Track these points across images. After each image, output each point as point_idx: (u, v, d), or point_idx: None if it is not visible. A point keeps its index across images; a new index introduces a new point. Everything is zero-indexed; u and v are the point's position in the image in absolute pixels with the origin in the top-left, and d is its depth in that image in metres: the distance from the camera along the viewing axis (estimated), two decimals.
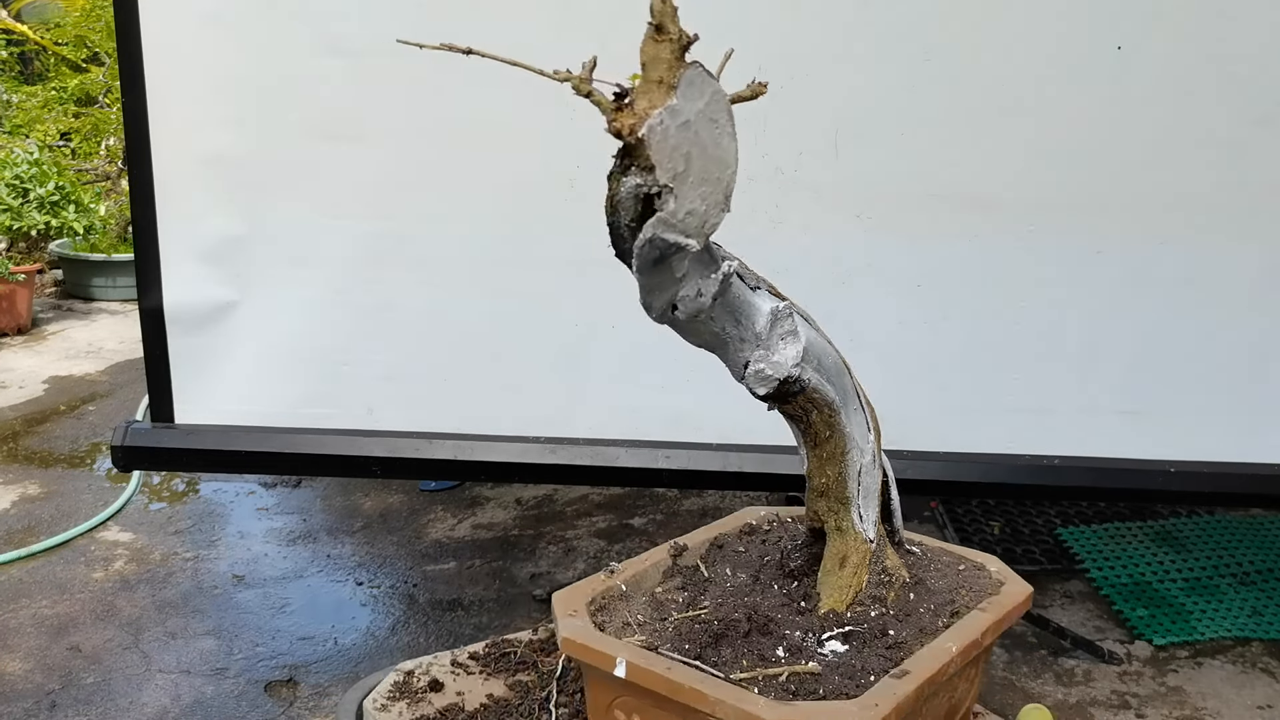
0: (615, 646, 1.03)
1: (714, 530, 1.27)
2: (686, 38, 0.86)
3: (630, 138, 0.86)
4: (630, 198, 0.89)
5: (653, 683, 1.00)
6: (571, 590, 1.11)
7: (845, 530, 1.17)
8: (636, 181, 0.88)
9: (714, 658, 1.05)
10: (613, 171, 0.90)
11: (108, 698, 2.69)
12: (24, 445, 4.32)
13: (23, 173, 5.86)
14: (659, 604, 1.12)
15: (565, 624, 1.05)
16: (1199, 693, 2.77)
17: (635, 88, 0.85)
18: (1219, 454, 2.31)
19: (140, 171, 2.26)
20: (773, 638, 1.09)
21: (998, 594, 1.23)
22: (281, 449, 2.36)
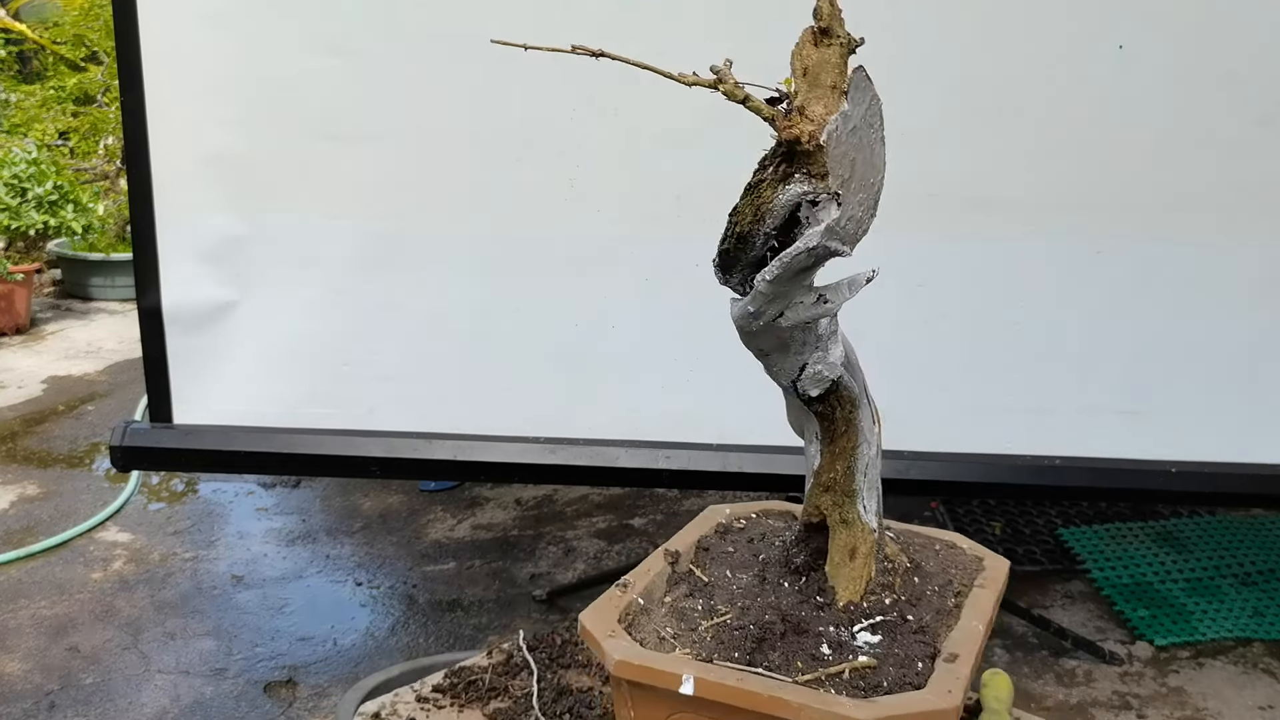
0: (678, 663, 1.00)
1: (693, 533, 1.25)
2: (854, 41, 0.84)
3: (809, 144, 0.84)
4: (786, 206, 0.88)
5: (726, 695, 0.98)
6: (597, 610, 1.07)
7: (851, 523, 1.17)
8: (801, 189, 0.87)
9: (765, 662, 1.03)
10: (765, 179, 0.88)
11: (107, 698, 2.69)
12: (23, 445, 4.31)
13: (21, 172, 5.85)
14: (680, 614, 1.10)
15: (613, 646, 1.01)
16: (1200, 693, 2.76)
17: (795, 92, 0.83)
18: (1220, 454, 2.31)
19: (139, 171, 2.25)
20: (810, 636, 1.08)
21: (985, 570, 1.25)
22: (281, 449, 2.36)
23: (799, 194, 0.88)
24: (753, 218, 0.91)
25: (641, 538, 3.56)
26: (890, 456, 2.27)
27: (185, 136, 2.25)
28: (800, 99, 0.84)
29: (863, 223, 0.91)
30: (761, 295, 0.94)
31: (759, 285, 0.93)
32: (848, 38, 0.85)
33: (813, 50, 0.85)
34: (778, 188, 0.88)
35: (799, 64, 0.85)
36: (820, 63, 0.84)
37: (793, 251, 0.90)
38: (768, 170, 0.89)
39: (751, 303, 0.97)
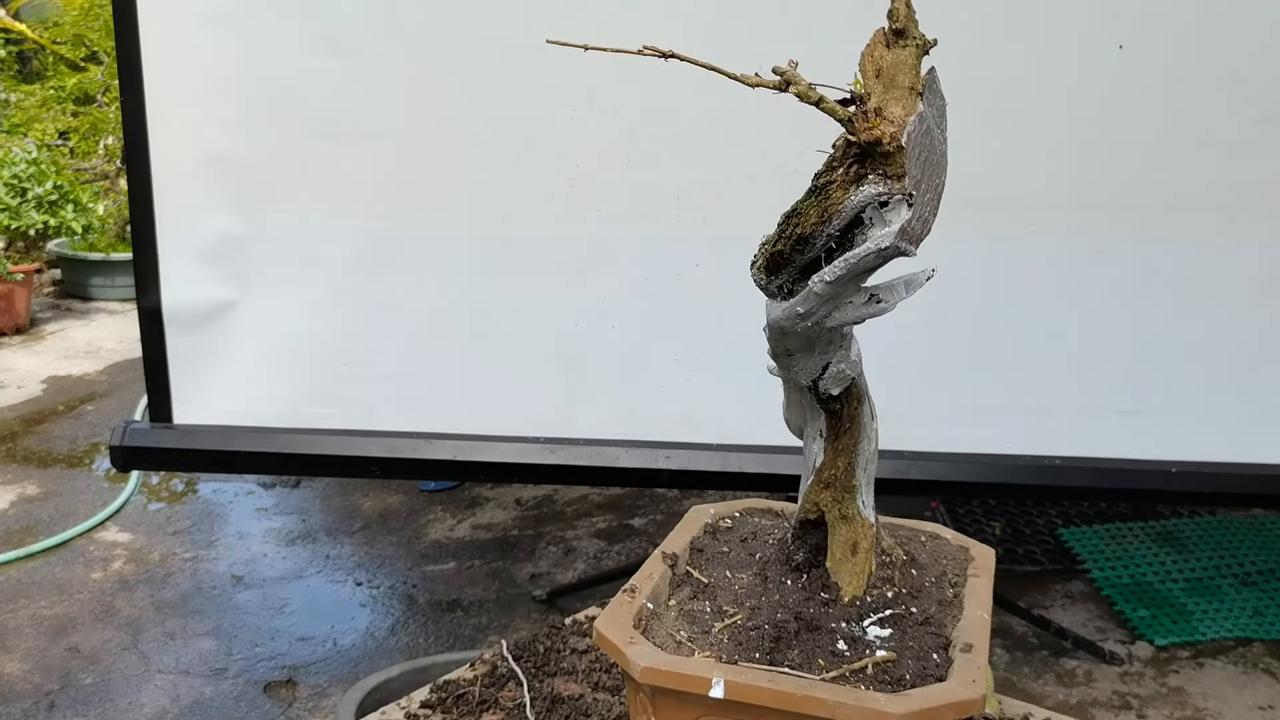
0: (707, 666, 0.99)
1: (684, 535, 1.24)
2: (928, 42, 0.85)
3: (891, 145, 0.84)
4: (857, 208, 0.88)
5: (758, 696, 0.97)
6: (611, 617, 1.05)
7: (851, 518, 1.17)
8: (876, 191, 0.87)
9: (786, 661, 1.03)
10: (834, 181, 0.88)
11: (106, 698, 2.69)
12: (22, 445, 4.31)
13: (21, 172, 5.85)
14: (690, 616, 1.10)
15: (636, 653, 0.99)
16: (1200, 693, 2.76)
17: (868, 94, 0.83)
18: (1220, 454, 2.30)
19: (139, 171, 2.25)
20: (824, 633, 1.08)
21: (974, 559, 1.26)
22: (281, 449, 2.36)
23: (873, 195, 0.88)
24: (818, 219, 0.91)
25: (641, 538, 3.56)
26: (890, 456, 2.29)
27: (185, 136, 2.25)
28: (875, 100, 0.85)
29: (928, 223, 0.91)
30: (816, 296, 0.94)
31: (815, 286, 0.93)
32: (922, 39, 0.85)
33: (885, 52, 0.85)
34: (849, 189, 0.88)
35: (870, 65, 0.86)
36: (895, 64, 0.85)
37: (861, 253, 0.90)
38: (836, 172, 0.88)
39: (802, 303, 0.96)
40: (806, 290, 0.94)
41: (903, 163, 0.86)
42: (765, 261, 0.98)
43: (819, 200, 0.90)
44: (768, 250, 0.97)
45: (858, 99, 0.85)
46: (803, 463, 1.22)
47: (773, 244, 0.96)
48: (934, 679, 1.02)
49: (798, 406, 1.20)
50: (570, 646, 1.35)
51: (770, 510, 1.35)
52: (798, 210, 0.93)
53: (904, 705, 0.95)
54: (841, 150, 0.88)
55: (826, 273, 0.92)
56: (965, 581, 1.21)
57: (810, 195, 0.90)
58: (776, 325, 1.02)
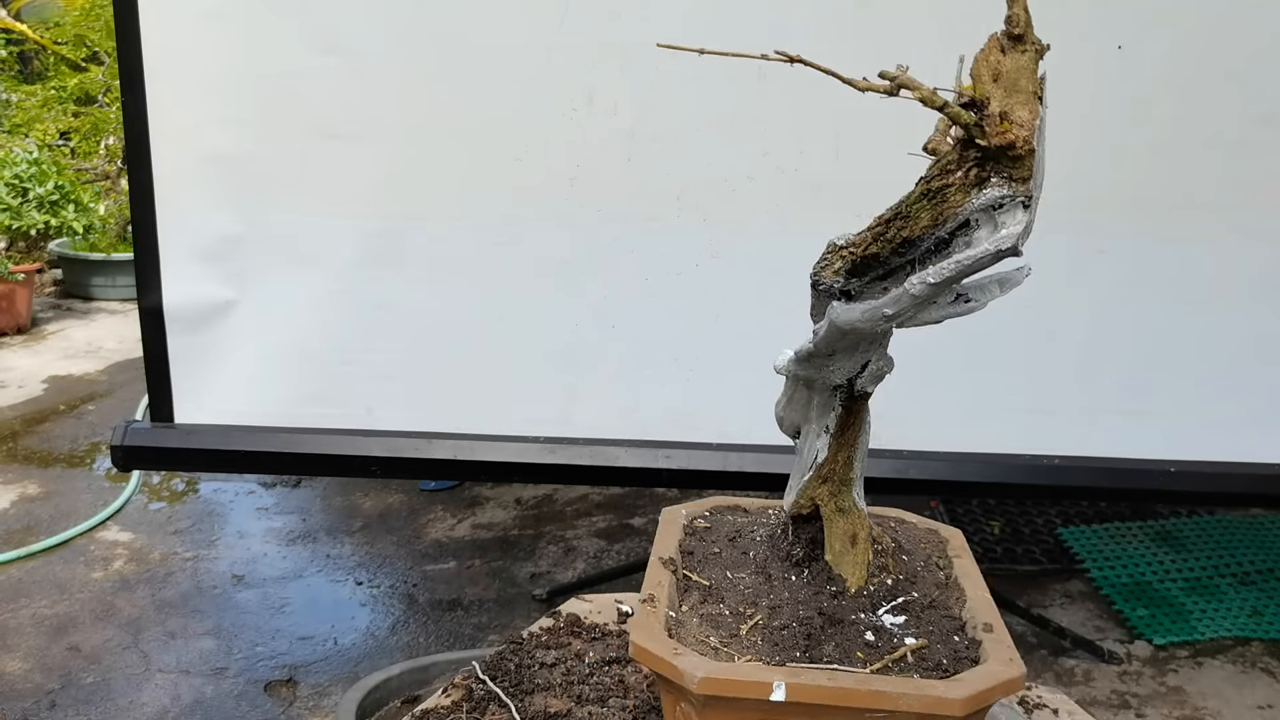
0: (764, 671, 0.99)
1: (670, 538, 1.23)
2: (1043, 47, 0.87)
3: (1023, 149, 0.85)
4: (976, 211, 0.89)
5: (819, 696, 0.97)
6: (644, 630, 1.03)
7: (847, 510, 1.18)
8: (999, 194, 0.87)
9: (826, 657, 1.03)
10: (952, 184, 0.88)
11: (107, 697, 2.69)
12: (23, 445, 4.31)
13: (22, 172, 5.85)
14: (713, 621, 1.09)
15: (689, 663, 0.98)
16: (1199, 692, 2.77)
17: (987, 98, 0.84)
18: (1219, 454, 2.31)
19: (140, 171, 2.26)
20: (847, 626, 1.09)
21: (947, 541, 1.28)
22: (281, 449, 2.36)
23: (996, 198, 0.88)
24: (930, 223, 0.91)
25: (641, 537, 3.57)
26: (890, 456, 2.30)
27: (186, 136, 2.25)
28: (997, 104, 0.86)
29: (1033, 223, 0.92)
30: (912, 298, 0.95)
31: (914, 289, 0.94)
32: (1039, 44, 0.87)
33: (1001, 56, 0.86)
34: (970, 193, 0.89)
35: (986, 70, 0.86)
36: (1015, 69, 0.86)
37: (978, 254, 0.90)
38: (954, 175, 0.88)
39: (892, 305, 0.97)
40: (901, 292, 0.95)
41: (1030, 166, 0.87)
42: (850, 265, 0.98)
43: (934, 204, 0.90)
44: (855, 253, 0.97)
45: (978, 103, 0.85)
46: (796, 460, 1.23)
47: (863, 247, 0.96)
48: (968, 661, 1.04)
49: (801, 405, 1.20)
50: (538, 660, 1.32)
51: (738, 507, 1.35)
52: (903, 214, 0.93)
53: (961, 690, 0.96)
54: (957, 154, 0.89)
55: (932, 274, 0.93)
56: (950, 563, 1.23)
57: (923, 198, 0.91)
58: (847, 326, 1.02)
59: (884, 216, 0.95)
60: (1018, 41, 0.85)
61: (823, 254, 1.02)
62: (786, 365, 1.16)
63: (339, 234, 2.30)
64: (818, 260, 1.03)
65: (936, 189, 0.89)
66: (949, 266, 0.92)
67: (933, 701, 0.95)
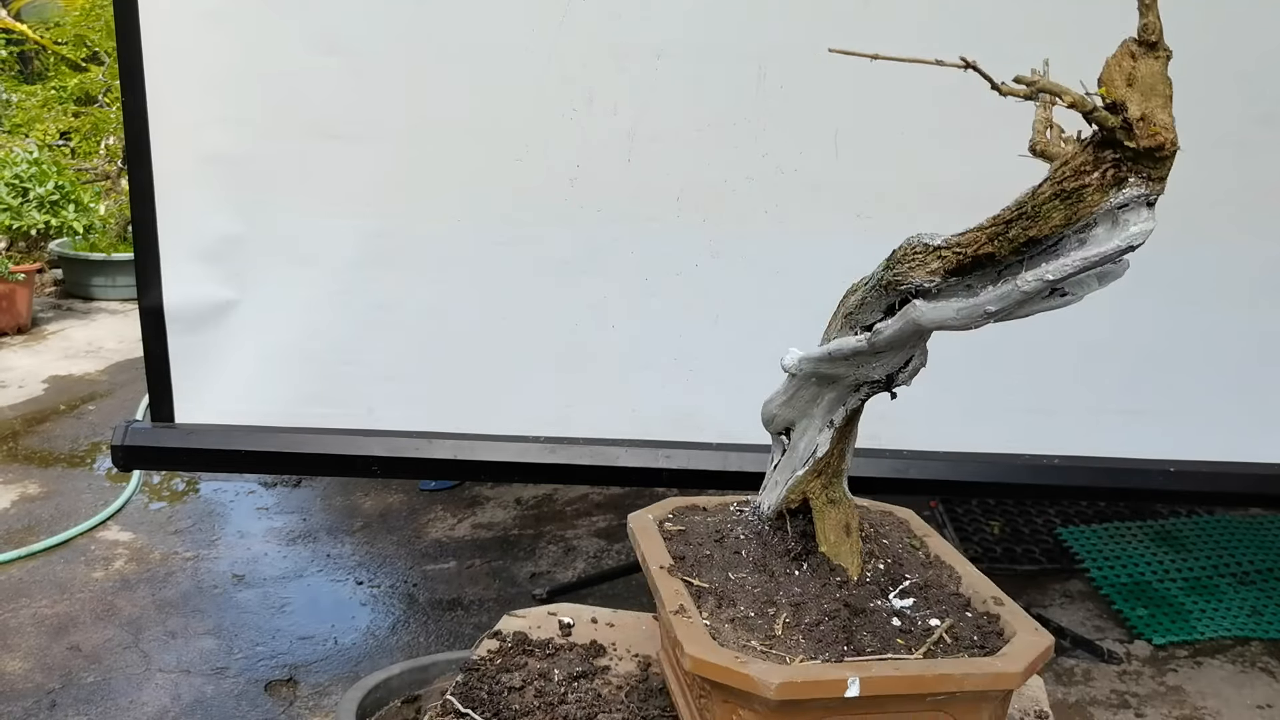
0: (836, 670, 1.00)
1: (656, 547, 1.22)
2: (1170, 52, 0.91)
3: (1170, 150, 0.90)
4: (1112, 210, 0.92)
5: (890, 686, 0.99)
6: (700, 643, 1.03)
7: (839, 501, 1.21)
8: (1137, 193, 0.91)
9: (869, 647, 1.05)
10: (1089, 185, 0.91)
11: (108, 697, 2.69)
12: (24, 445, 4.32)
13: (22, 172, 5.85)
14: (743, 625, 1.09)
15: (763, 670, 0.98)
16: (1198, 692, 2.77)
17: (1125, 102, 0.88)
18: (1219, 454, 2.31)
19: (140, 171, 2.26)
20: (870, 614, 1.11)
21: (906, 521, 1.33)
22: (282, 449, 2.36)
23: (1134, 197, 0.91)
24: (1062, 221, 0.93)
25: None
26: (890, 456, 2.30)
27: (186, 136, 2.25)
28: (1137, 108, 0.89)
29: None
30: (1023, 294, 0.97)
31: (1027, 285, 0.96)
32: (1169, 50, 0.92)
33: (1133, 62, 0.90)
34: (1108, 192, 0.91)
35: (1120, 75, 0.90)
36: (1149, 73, 0.90)
37: (1108, 250, 0.93)
38: (1091, 176, 0.91)
39: (997, 301, 0.99)
40: (1010, 289, 0.97)
41: (1169, 166, 0.91)
42: (954, 265, 0.99)
43: (1069, 204, 0.92)
44: (965, 254, 0.98)
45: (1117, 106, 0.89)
46: (783, 456, 1.23)
47: (975, 247, 0.98)
48: (993, 634, 1.08)
49: (804, 402, 1.21)
50: (504, 685, 1.29)
51: (696, 507, 1.35)
52: (1029, 214, 0.94)
53: (1017, 663, 1.00)
54: (1092, 155, 0.91)
55: (1052, 270, 0.94)
56: (923, 543, 1.26)
57: (1055, 199, 0.93)
58: (933, 325, 1.04)
59: (1003, 217, 0.97)
60: (1151, 48, 0.88)
61: (904, 255, 1.03)
62: (797, 363, 1.17)
63: (339, 234, 2.30)
64: (895, 261, 1.04)
65: (1072, 190, 0.91)
66: (1073, 262, 0.94)
67: (993, 678, 0.99)
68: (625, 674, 1.33)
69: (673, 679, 1.23)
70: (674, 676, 1.22)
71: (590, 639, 1.40)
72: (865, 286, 1.09)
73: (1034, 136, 0.97)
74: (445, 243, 2.30)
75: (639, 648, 1.39)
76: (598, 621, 1.46)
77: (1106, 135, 0.88)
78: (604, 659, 1.36)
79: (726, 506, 1.35)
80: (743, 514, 1.32)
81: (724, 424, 2.30)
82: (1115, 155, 0.90)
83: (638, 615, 1.49)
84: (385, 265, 2.32)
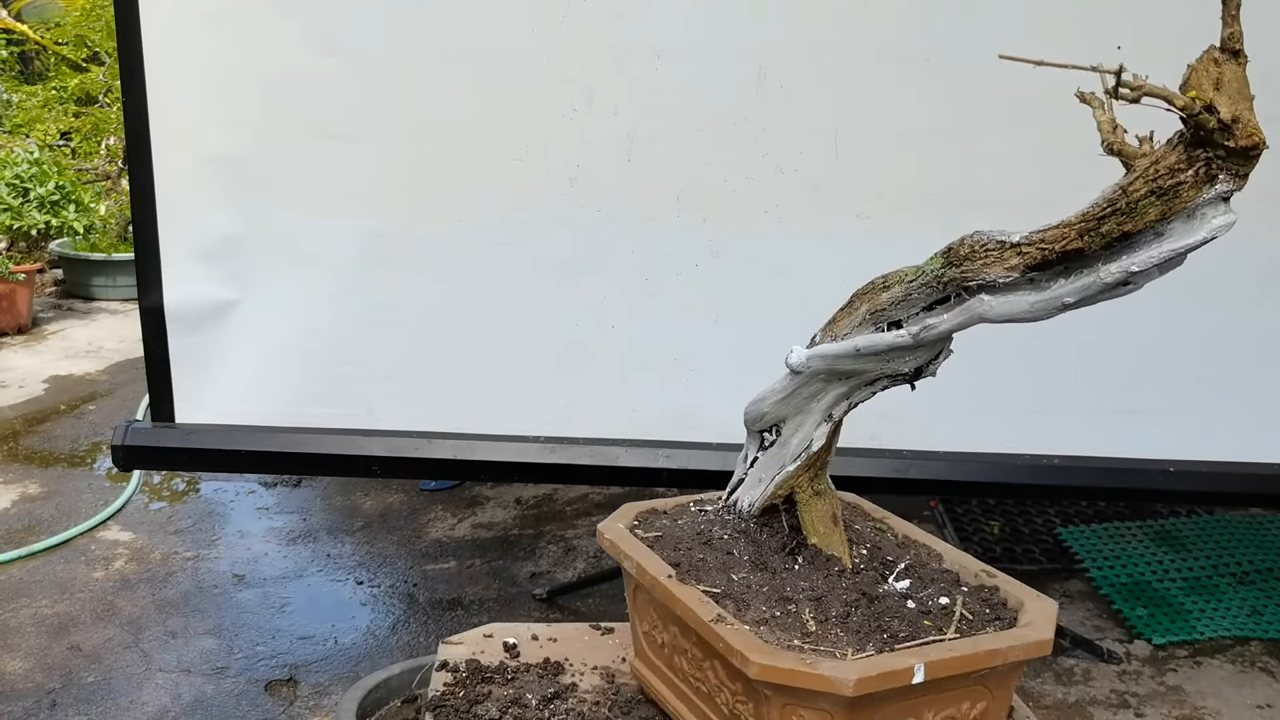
0: (901, 658, 1.03)
1: (648, 555, 1.21)
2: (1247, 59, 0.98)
3: (1262, 148, 0.95)
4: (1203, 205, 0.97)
5: (952, 668, 1.03)
6: (761, 649, 1.03)
7: (823, 492, 1.23)
8: (1226, 189, 0.97)
9: (902, 632, 1.08)
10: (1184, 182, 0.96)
11: (108, 697, 2.70)
12: (24, 444, 4.32)
13: (23, 172, 5.86)
14: (776, 625, 1.10)
15: (836, 668, 1.00)
16: (1198, 692, 2.77)
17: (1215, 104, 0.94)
18: (1218, 454, 2.31)
19: (140, 171, 2.26)
20: (883, 600, 1.14)
21: (857, 505, 1.37)
22: (282, 449, 2.36)
23: (1222, 193, 0.97)
24: (1157, 217, 0.98)
25: None
26: (890, 456, 2.30)
27: (187, 136, 2.25)
28: (1227, 110, 0.95)
29: None
30: (1103, 285, 1.02)
31: (1111, 276, 1.01)
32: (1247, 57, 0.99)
33: (1218, 68, 0.96)
34: (1201, 189, 0.97)
35: (1207, 80, 0.95)
36: (1234, 78, 0.96)
37: (1193, 243, 0.99)
38: (1186, 174, 0.96)
39: (1075, 294, 1.03)
40: (1091, 280, 1.02)
41: (1255, 164, 0.96)
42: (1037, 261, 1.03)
43: (1164, 200, 0.97)
44: (1050, 249, 1.02)
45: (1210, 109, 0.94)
46: (765, 454, 1.25)
47: (1063, 243, 1.02)
48: (999, 605, 1.15)
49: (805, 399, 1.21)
50: (468, 699, 1.29)
51: (656, 510, 1.35)
52: (1123, 210, 0.99)
53: (1046, 631, 1.08)
54: (1184, 154, 0.96)
55: (1138, 262, 1.00)
56: (885, 525, 1.31)
57: (1151, 195, 0.98)
58: (1002, 318, 1.08)
59: (1093, 214, 1.01)
60: (1235, 55, 0.95)
61: (971, 251, 1.06)
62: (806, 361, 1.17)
63: (339, 234, 2.30)
64: (960, 259, 1.07)
65: (1169, 187, 0.97)
66: (1157, 255, 1.00)
67: (1034, 645, 1.06)
68: (595, 688, 1.31)
69: (672, 688, 1.21)
70: (681, 684, 1.20)
71: (542, 658, 1.38)
72: (907, 282, 1.11)
73: (1105, 138, 1.01)
74: (445, 243, 2.30)
75: (592, 660, 1.38)
76: (539, 639, 1.43)
77: (1199, 135, 0.94)
78: (566, 676, 1.34)
79: (686, 507, 1.35)
80: (708, 513, 1.32)
81: (724, 424, 2.29)
82: (1207, 154, 0.95)
83: (576, 626, 1.47)
84: (385, 265, 2.32)
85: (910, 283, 1.10)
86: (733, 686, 1.09)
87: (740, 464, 1.30)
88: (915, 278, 1.10)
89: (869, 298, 1.15)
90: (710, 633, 1.07)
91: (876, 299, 1.13)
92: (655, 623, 1.22)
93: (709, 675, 1.13)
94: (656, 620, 1.22)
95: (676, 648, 1.19)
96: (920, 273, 1.10)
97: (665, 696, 1.23)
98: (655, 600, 1.19)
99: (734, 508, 1.30)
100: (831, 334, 1.17)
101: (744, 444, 1.31)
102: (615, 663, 1.38)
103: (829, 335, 1.18)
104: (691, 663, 1.16)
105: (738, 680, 1.07)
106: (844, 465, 2.29)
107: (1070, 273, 1.03)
